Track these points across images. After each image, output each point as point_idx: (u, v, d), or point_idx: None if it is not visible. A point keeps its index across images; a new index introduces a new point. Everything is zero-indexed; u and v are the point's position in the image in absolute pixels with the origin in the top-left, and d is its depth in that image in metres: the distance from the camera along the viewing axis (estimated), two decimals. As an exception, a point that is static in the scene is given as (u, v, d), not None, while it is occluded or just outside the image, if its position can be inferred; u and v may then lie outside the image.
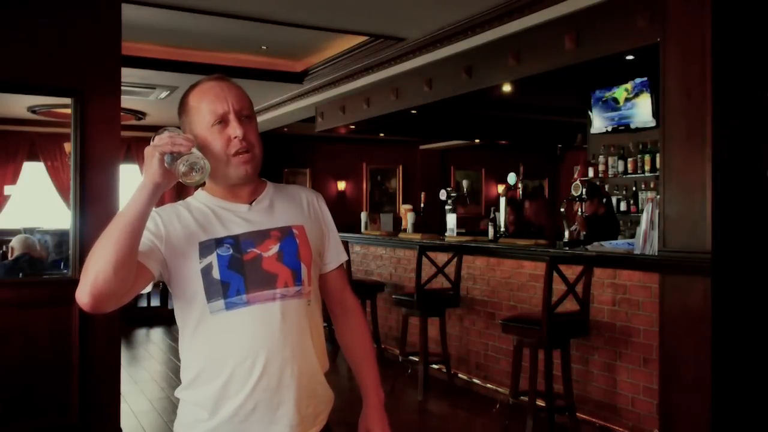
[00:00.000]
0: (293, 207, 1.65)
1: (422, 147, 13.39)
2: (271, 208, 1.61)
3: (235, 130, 1.50)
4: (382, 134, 11.58)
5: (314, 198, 1.71)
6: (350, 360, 1.74)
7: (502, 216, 5.88)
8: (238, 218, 1.55)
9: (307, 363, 1.53)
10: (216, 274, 1.47)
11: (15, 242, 5.14)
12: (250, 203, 1.59)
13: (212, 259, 1.48)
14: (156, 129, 1.47)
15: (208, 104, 1.52)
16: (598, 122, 7.39)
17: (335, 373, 1.52)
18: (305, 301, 1.55)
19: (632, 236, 4.91)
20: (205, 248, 1.49)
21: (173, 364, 6.43)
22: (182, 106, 1.57)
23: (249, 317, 1.48)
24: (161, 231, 1.49)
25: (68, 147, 4.11)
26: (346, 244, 3.18)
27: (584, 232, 5.29)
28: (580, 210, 5.56)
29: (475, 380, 5.33)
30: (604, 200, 6.57)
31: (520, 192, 6.59)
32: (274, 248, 1.53)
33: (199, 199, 1.59)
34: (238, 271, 1.48)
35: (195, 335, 1.52)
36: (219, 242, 1.50)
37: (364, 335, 1.75)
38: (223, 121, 1.51)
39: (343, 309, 1.74)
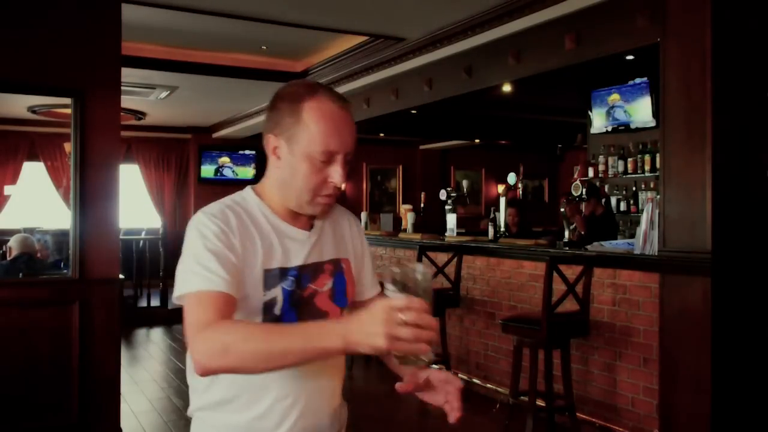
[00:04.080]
0: (341, 235, 1.54)
1: (422, 147, 13.39)
2: (325, 236, 1.50)
3: (337, 176, 1.37)
4: (382, 134, 11.59)
5: (354, 223, 1.60)
6: None
7: (502, 216, 5.88)
8: (298, 246, 1.43)
9: (337, 397, 1.51)
10: (278, 310, 1.38)
11: (13, 242, 5.13)
12: (309, 229, 1.47)
13: (277, 293, 1.38)
14: (156, 129, 1.41)
15: (324, 134, 1.35)
16: (598, 122, 7.39)
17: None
18: None
19: (632, 236, 4.91)
20: (271, 278, 1.38)
21: (173, 364, 6.43)
22: (291, 109, 1.37)
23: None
24: (239, 254, 1.34)
25: (68, 147, 4.11)
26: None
27: (583, 232, 5.29)
28: (581, 210, 5.57)
29: (475, 380, 5.33)
30: (603, 200, 6.57)
31: (520, 192, 6.59)
32: (328, 284, 1.45)
33: (260, 210, 1.43)
34: (296, 308, 1.40)
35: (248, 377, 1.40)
36: (283, 273, 1.39)
37: None
38: (330, 159, 1.36)
39: None
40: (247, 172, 12.38)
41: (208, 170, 12.11)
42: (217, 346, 1.19)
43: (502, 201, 5.90)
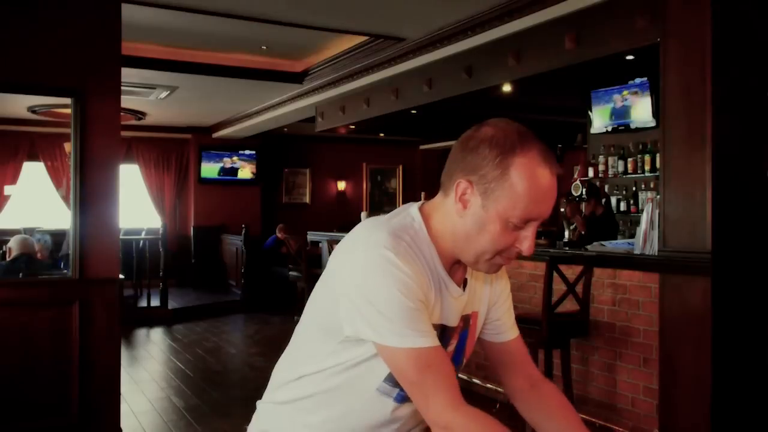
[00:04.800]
0: (479, 286, 1.42)
1: (422, 147, 13.40)
2: (469, 289, 1.38)
3: (526, 244, 1.26)
4: (382, 134, 11.60)
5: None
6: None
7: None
8: (453, 304, 1.33)
9: None
10: None
11: (13, 243, 5.13)
12: (463, 287, 1.36)
13: None
14: (156, 129, 1.37)
15: (529, 200, 1.21)
16: (598, 122, 7.39)
17: None
18: None
19: (632, 236, 4.91)
20: None
21: (173, 364, 6.43)
22: (497, 161, 1.22)
23: (400, 407, 1.33)
24: (426, 306, 1.26)
25: (68, 147, 4.11)
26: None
27: (583, 232, 5.29)
28: (582, 210, 5.57)
29: (475, 380, 5.33)
30: (603, 201, 6.57)
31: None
32: (454, 344, 1.37)
33: (431, 255, 1.29)
34: None
35: (337, 390, 1.33)
36: (443, 332, 1.32)
37: (566, 401, 1.46)
38: (524, 225, 1.25)
39: (530, 382, 1.48)
40: (247, 172, 12.38)
41: (208, 170, 12.11)
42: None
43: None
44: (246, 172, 12.35)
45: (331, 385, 1.33)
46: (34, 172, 10.69)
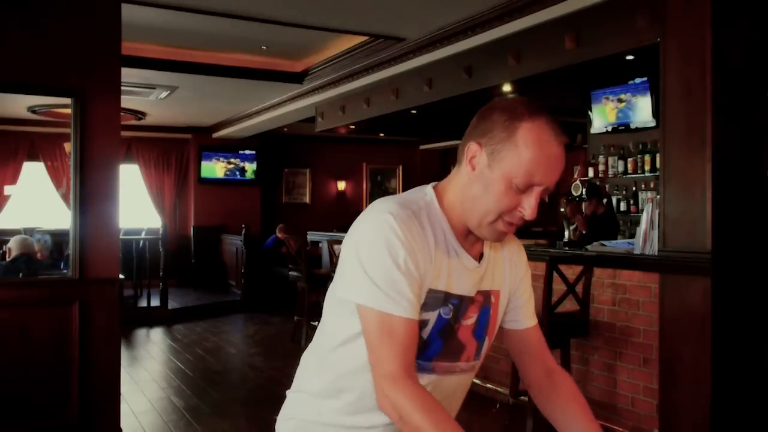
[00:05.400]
0: (500, 266, 1.44)
1: (422, 147, 13.40)
2: (487, 266, 1.41)
3: (529, 208, 1.28)
4: (382, 134, 11.59)
5: (517, 254, 1.50)
6: (565, 425, 1.46)
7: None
8: (467, 275, 1.35)
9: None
10: (425, 333, 1.32)
11: (12, 243, 5.13)
12: (478, 260, 1.38)
13: (432, 317, 1.32)
14: (156, 129, 1.39)
15: (533, 162, 1.25)
16: (599, 122, 7.39)
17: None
18: (472, 375, 1.45)
19: (632, 236, 4.91)
20: (433, 299, 1.31)
21: (173, 364, 6.43)
22: (506, 124, 1.27)
23: (423, 383, 1.31)
24: (421, 270, 1.28)
25: (68, 147, 4.11)
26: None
27: (584, 232, 5.29)
28: (582, 210, 5.57)
29: (475, 380, 5.32)
30: (605, 201, 6.57)
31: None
32: (474, 317, 1.38)
33: (441, 224, 1.33)
34: (443, 338, 1.34)
35: (354, 372, 1.36)
36: (447, 299, 1.33)
37: (578, 393, 1.48)
38: (527, 188, 1.27)
39: (546, 371, 1.50)
40: (247, 172, 12.38)
41: (208, 170, 12.11)
42: (396, 413, 1.23)
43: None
44: (246, 172, 12.35)
45: (347, 367, 1.36)
46: (34, 172, 10.70)
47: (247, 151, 12.28)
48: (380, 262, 1.24)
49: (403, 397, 1.22)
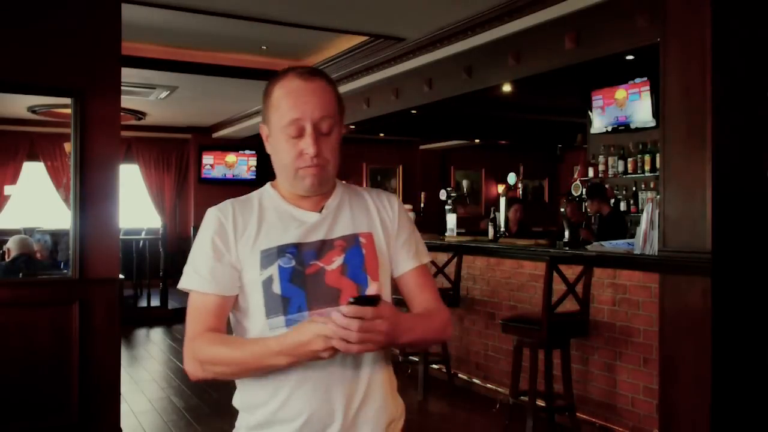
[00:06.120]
0: (361, 212, 1.52)
1: (422, 147, 13.39)
2: (338, 214, 1.49)
3: (308, 146, 1.38)
4: (382, 134, 11.58)
5: (386, 200, 1.57)
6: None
7: (502, 216, 5.88)
8: (303, 226, 1.44)
9: (381, 392, 1.44)
10: (277, 288, 1.38)
11: (11, 243, 5.13)
12: (320, 210, 1.47)
13: (273, 271, 1.38)
14: (156, 129, 1.45)
15: (288, 107, 1.39)
16: (599, 122, 7.39)
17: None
18: None
19: (632, 236, 4.91)
20: (266, 257, 1.40)
21: (173, 364, 6.43)
22: (266, 94, 1.44)
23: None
24: (231, 247, 1.42)
25: (68, 147, 4.11)
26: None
27: (592, 241, 5.28)
28: (587, 217, 5.56)
29: (475, 380, 5.33)
30: (611, 201, 6.56)
31: (520, 192, 6.61)
32: (338, 260, 1.42)
33: (270, 197, 1.49)
34: (300, 286, 1.38)
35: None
36: (281, 251, 1.40)
37: (434, 316, 1.53)
38: (298, 131, 1.39)
39: (426, 311, 1.54)
40: (246, 172, 12.38)
41: (208, 170, 12.11)
42: (197, 363, 1.39)
43: (503, 201, 5.90)
44: (246, 172, 12.35)
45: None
46: (34, 172, 10.69)
47: (247, 151, 12.28)
48: (195, 247, 1.46)
49: (197, 346, 1.37)
